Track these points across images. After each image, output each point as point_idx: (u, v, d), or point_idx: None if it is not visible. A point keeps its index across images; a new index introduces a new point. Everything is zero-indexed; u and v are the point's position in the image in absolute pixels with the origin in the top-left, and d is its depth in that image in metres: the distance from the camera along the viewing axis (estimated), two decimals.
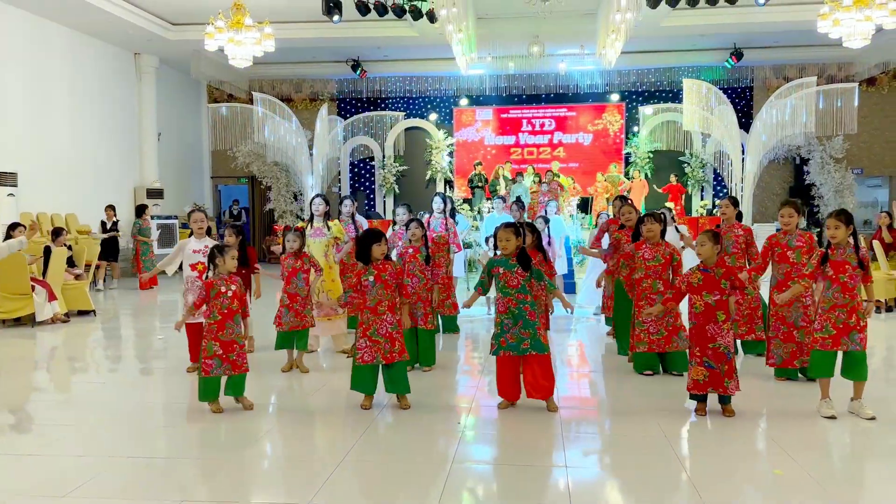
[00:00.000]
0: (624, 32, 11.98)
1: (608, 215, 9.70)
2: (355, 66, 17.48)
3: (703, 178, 17.93)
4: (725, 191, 17.38)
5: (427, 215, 8.35)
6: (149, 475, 3.97)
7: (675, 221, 9.96)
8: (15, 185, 12.13)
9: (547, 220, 9.62)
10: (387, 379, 5.16)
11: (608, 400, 5.73)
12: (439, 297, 6.60)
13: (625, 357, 6.75)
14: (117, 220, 14.21)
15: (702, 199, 18.01)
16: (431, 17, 11.79)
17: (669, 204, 16.51)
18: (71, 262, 10.21)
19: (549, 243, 9.47)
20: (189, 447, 4.53)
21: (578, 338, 8.50)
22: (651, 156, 18.20)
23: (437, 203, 8.13)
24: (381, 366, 5.12)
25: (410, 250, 6.41)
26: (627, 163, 18.69)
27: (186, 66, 16.55)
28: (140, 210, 14.43)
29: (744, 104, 18.35)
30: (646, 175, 18.06)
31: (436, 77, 18.53)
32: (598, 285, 7.67)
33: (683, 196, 17.70)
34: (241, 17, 11.71)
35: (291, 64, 18.00)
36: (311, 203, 7.32)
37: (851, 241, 4.93)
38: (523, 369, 5.09)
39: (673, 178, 17.54)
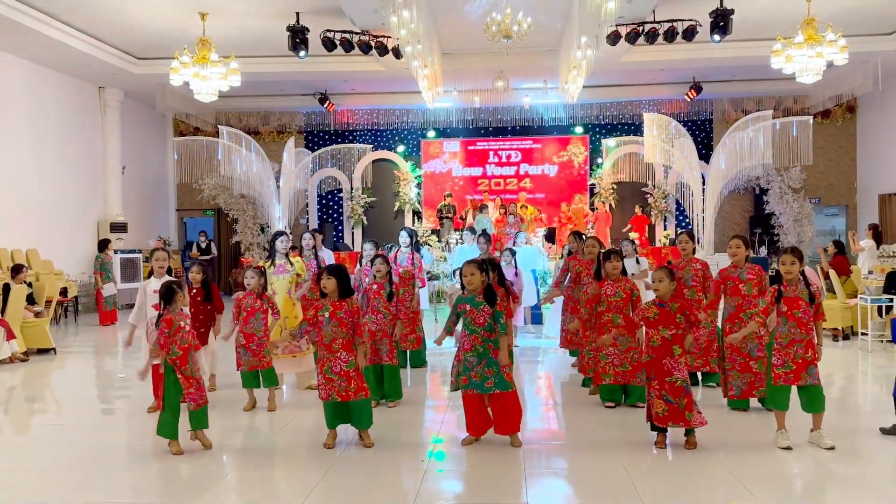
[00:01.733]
0: (585, 68, 12.24)
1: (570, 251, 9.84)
2: (322, 98, 17.58)
3: (666, 208, 18.26)
4: (687, 221, 17.71)
5: (395, 249, 8.40)
6: None
7: (636, 253, 10.13)
8: None
9: (513, 253, 9.71)
10: (351, 415, 5.14)
11: (571, 433, 5.78)
12: (401, 332, 6.60)
13: (587, 389, 6.84)
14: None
15: (665, 229, 18.31)
16: (397, 53, 11.95)
17: (633, 235, 16.80)
18: (31, 300, 10.04)
19: (517, 274, 9.58)
20: (149, 491, 4.47)
21: (544, 370, 8.56)
22: (615, 187, 18.50)
23: (404, 237, 8.19)
24: (339, 402, 5.10)
25: (375, 286, 6.44)
26: (592, 193, 18.97)
27: (152, 99, 16.51)
28: (103, 245, 14.26)
29: (704, 136, 18.79)
30: (610, 206, 18.35)
31: (403, 110, 18.70)
32: (542, 304, 7.75)
33: (647, 227, 17.99)
34: (206, 52, 11.77)
35: (258, 97, 18.05)
36: (274, 239, 7.31)
37: (801, 276, 5.09)
38: (490, 405, 5.13)
39: (638, 210, 17.84)
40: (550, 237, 17.32)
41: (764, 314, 5.18)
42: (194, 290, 7.12)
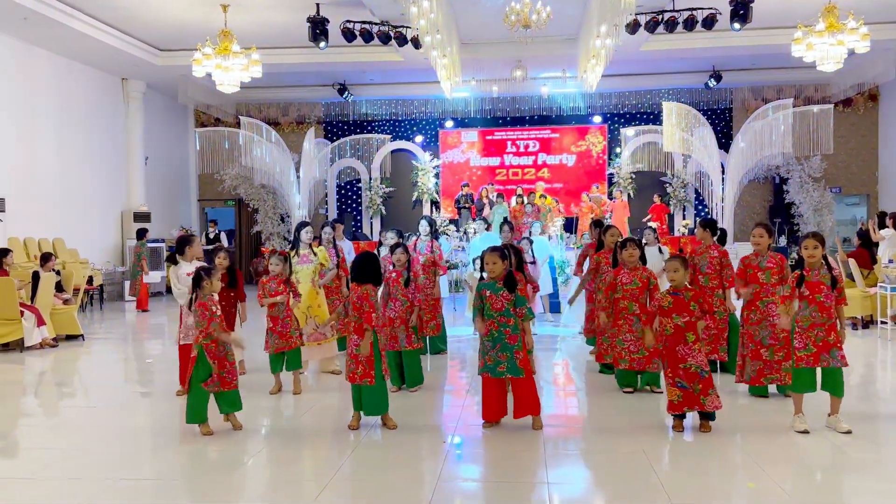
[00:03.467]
0: (604, 57, 12.25)
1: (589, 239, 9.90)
2: (342, 89, 17.70)
3: (685, 198, 18.22)
4: (706, 211, 17.66)
5: (414, 238, 8.51)
6: (140, 498, 4.06)
7: (658, 241, 10.16)
8: (2, 210, 12.18)
9: (531, 241, 9.79)
10: (363, 402, 5.23)
11: (590, 417, 5.87)
12: (418, 320, 6.68)
13: (603, 371, 6.96)
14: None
15: (683, 218, 18.28)
16: (416, 43, 12.02)
17: (654, 224, 16.79)
18: (59, 287, 10.27)
19: (534, 263, 9.67)
20: (179, 470, 4.61)
21: (563, 357, 8.64)
22: (633, 176, 18.47)
23: (424, 226, 8.29)
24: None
25: (394, 275, 6.55)
26: (610, 183, 18.97)
27: (174, 90, 16.70)
28: (141, 233, 14.62)
29: (723, 125, 18.70)
30: (628, 196, 18.34)
31: (421, 100, 18.78)
32: (570, 303, 7.78)
33: (666, 216, 17.97)
34: (228, 44, 11.91)
35: (278, 88, 18.21)
36: (297, 230, 7.43)
37: (824, 261, 5.13)
38: (511, 389, 5.23)
39: (657, 199, 17.81)
40: (569, 227, 17.36)
41: (790, 299, 5.21)
42: (219, 276, 7.28)
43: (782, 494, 3.93)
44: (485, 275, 5.34)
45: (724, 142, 17.65)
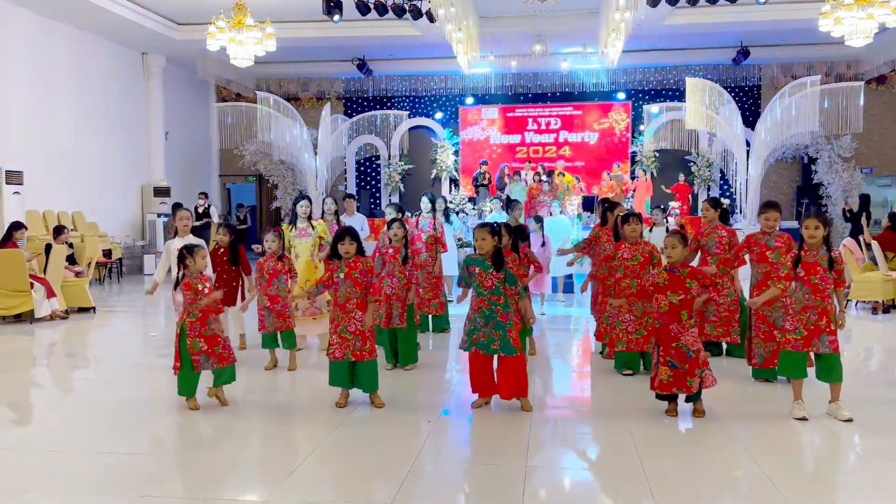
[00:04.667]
0: (624, 31, 11.95)
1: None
2: (361, 64, 17.56)
3: (710, 177, 17.83)
4: (731, 191, 17.26)
5: (416, 214, 8.40)
6: (115, 471, 4.04)
7: (665, 221, 9.94)
8: (20, 184, 12.32)
9: (539, 221, 9.61)
10: (356, 377, 5.19)
11: (584, 400, 5.76)
12: (415, 296, 6.59)
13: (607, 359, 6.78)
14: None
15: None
16: (431, 16, 11.82)
17: (675, 203, 16.48)
18: (72, 260, 10.37)
19: (544, 244, 9.49)
20: (160, 443, 4.60)
21: (569, 338, 8.51)
22: (657, 155, 18.12)
23: (425, 203, 8.18)
24: (351, 363, 5.15)
25: (391, 251, 6.46)
26: (633, 162, 18.64)
27: (194, 65, 16.72)
28: (176, 208, 14.69)
29: (751, 103, 18.22)
30: (651, 174, 17.99)
31: (441, 76, 18.58)
32: (583, 290, 7.57)
33: (690, 195, 17.61)
34: (242, 17, 11.83)
35: (298, 63, 18.15)
36: (294, 204, 7.37)
37: (824, 243, 4.93)
38: (498, 367, 5.13)
39: (681, 178, 17.46)
40: (589, 206, 17.09)
41: (786, 280, 5.02)
42: (221, 251, 7.26)
43: (766, 483, 3.79)
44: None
45: (752, 120, 17.18)
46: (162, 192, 16.65)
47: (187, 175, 18.48)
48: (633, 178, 18.29)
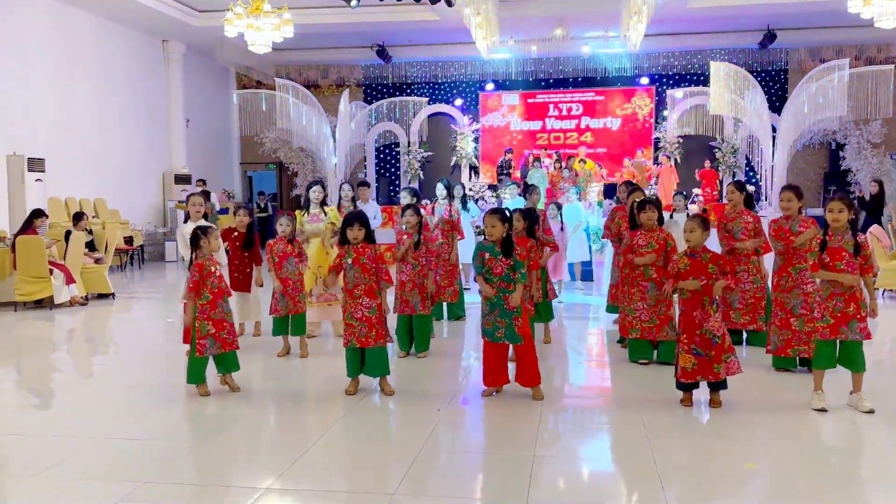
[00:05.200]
0: (646, 14, 11.72)
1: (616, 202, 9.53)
2: (380, 51, 17.47)
3: (735, 163, 17.50)
4: (756, 178, 16.95)
5: (433, 201, 8.32)
6: (123, 457, 4.03)
7: (686, 208, 9.75)
8: (43, 171, 12.43)
9: (559, 207, 9.49)
10: (366, 363, 5.14)
11: (598, 389, 5.66)
12: (433, 286, 6.55)
13: (621, 342, 6.67)
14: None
15: None
16: (448, 0, 11.68)
17: (698, 190, 16.23)
18: (92, 247, 10.44)
19: (563, 230, 9.37)
20: (169, 429, 4.58)
21: (587, 326, 8.40)
22: (680, 141, 17.82)
23: (440, 189, 8.10)
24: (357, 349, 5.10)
25: (405, 237, 6.40)
26: (657, 148, 18.37)
27: (214, 52, 16.75)
28: (205, 195, 14.80)
29: (778, 87, 17.85)
30: (675, 161, 17.71)
31: (461, 62, 18.44)
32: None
33: (717, 182, 17.32)
34: (259, 3, 11.78)
35: (318, 50, 18.12)
36: (307, 189, 7.32)
37: (849, 227, 4.77)
38: (514, 355, 5.06)
39: (707, 164, 17.19)
40: (611, 193, 16.88)
41: (814, 269, 4.86)
42: (236, 234, 7.24)
43: (781, 476, 3.67)
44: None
45: (779, 105, 16.81)
46: (183, 179, 16.75)
47: (208, 162, 18.57)
48: (656, 164, 18.03)
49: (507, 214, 5.03)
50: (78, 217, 10.22)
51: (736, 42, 16.99)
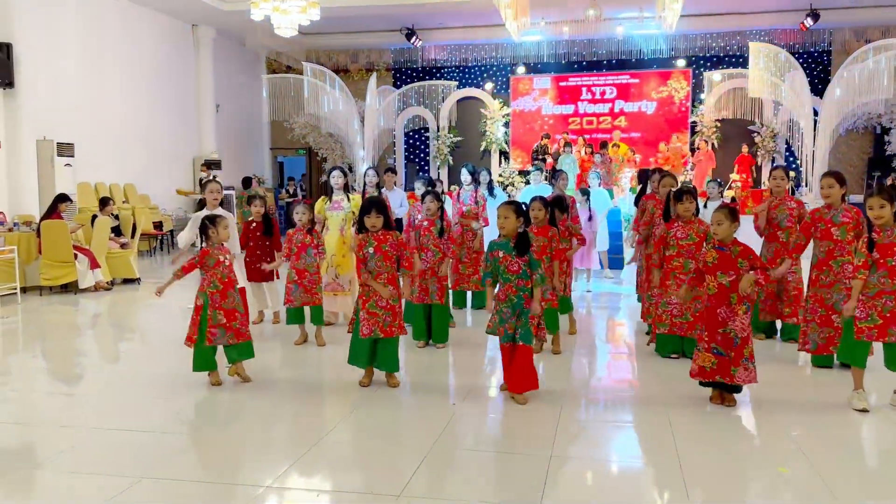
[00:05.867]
0: None
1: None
2: (409, 34, 17.23)
3: (774, 148, 16.93)
4: (797, 163, 16.37)
5: (458, 188, 8.11)
6: (126, 449, 3.93)
7: (721, 196, 9.39)
8: (72, 156, 12.46)
9: (586, 193, 9.21)
10: (377, 355, 4.97)
11: (622, 385, 5.40)
12: (448, 272, 6.30)
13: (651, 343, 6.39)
14: (213, 178, 14.92)
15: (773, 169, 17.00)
16: None
17: (735, 175, 15.75)
18: (118, 232, 10.44)
19: (591, 218, 9.10)
20: (171, 421, 4.44)
21: (613, 317, 8.14)
22: (718, 125, 17.29)
23: (465, 175, 7.88)
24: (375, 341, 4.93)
25: (426, 223, 6.21)
26: (693, 132, 17.85)
27: (244, 37, 16.65)
28: (247, 182, 14.84)
29: (821, 69, 17.19)
30: (712, 146, 17.18)
31: (491, 45, 18.10)
32: (633, 261, 7.21)
33: (753, 167, 16.79)
34: None
35: (347, 34, 17.93)
36: (329, 175, 7.16)
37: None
38: (511, 357, 4.66)
39: (744, 149, 16.68)
40: (645, 179, 16.46)
41: (864, 268, 4.54)
42: (254, 225, 7.14)
43: (817, 482, 3.41)
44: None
45: (821, 88, 16.17)
46: (213, 164, 16.73)
47: (238, 148, 18.56)
48: (692, 149, 17.55)
49: (523, 207, 4.75)
50: (104, 202, 10.23)
51: (776, 22, 16.37)
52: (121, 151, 14.19)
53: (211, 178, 15.52)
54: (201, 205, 6.51)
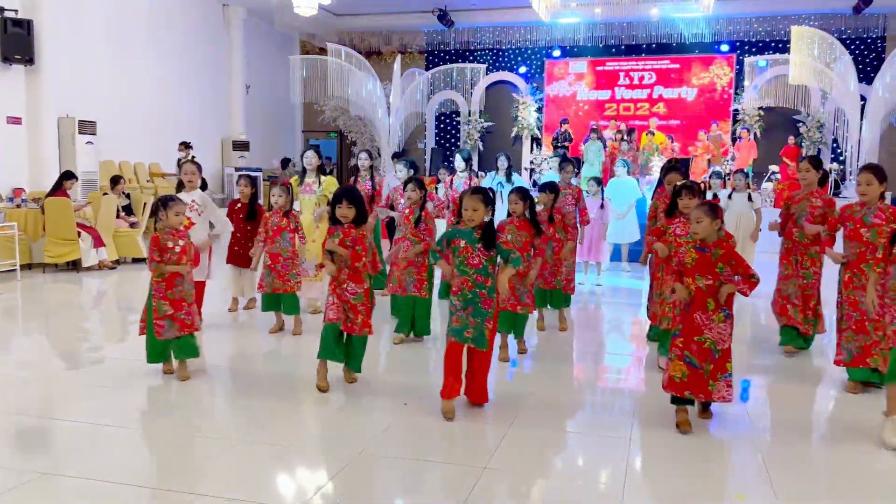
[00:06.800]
0: None
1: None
2: (441, 15, 16.86)
3: (820, 139, 16.06)
4: (844, 156, 15.49)
5: (450, 175, 7.80)
6: (62, 439, 3.77)
7: (748, 188, 8.87)
8: (94, 134, 12.51)
9: (599, 183, 8.78)
10: (349, 352, 4.68)
11: (596, 394, 5.01)
12: (411, 257, 5.85)
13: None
14: (192, 158, 14.72)
15: None
16: None
17: (774, 167, 14.98)
18: (129, 210, 10.43)
19: (602, 206, 8.68)
20: (115, 413, 4.26)
21: (616, 316, 7.73)
22: (761, 113, 16.48)
23: (458, 162, 7.56)
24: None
25: (406, 211, 5.91)
26: (735, 121, 17.08)
27: (279, 17, 16.53)
28: (285, 163, 14.80)
29: (874, 56, 16.18)
30: (755, 135, 16.40)
31: (526, 27, 17.61)
32: (643, 262, 6.73)
33: (799, 160, 15.96)
34: None
35: (379, 15, 17.67)
36: (301, 156, 6.91)
37: None
38: (468, 363, 4.28)
39: (791, 140, 15.86)
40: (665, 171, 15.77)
41: (884, 261, 4.08)
42: (239, 206, 6.96)
43: None
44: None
45: (874, 76, 15.26)
46: (240, 146, 16.72)
47: (269, 130, 18.50)
48: (734, 139, 16.79)
49: (491, 196, 4.37)
50: (115, 181, 10.21)
51: (826, 6, 15.46)
52: (146, 130, 14.22)
53: (189, 158, 15.41)
54: (179, 186, 6.33)
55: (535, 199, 5.74)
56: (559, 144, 15.78)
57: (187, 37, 15.34)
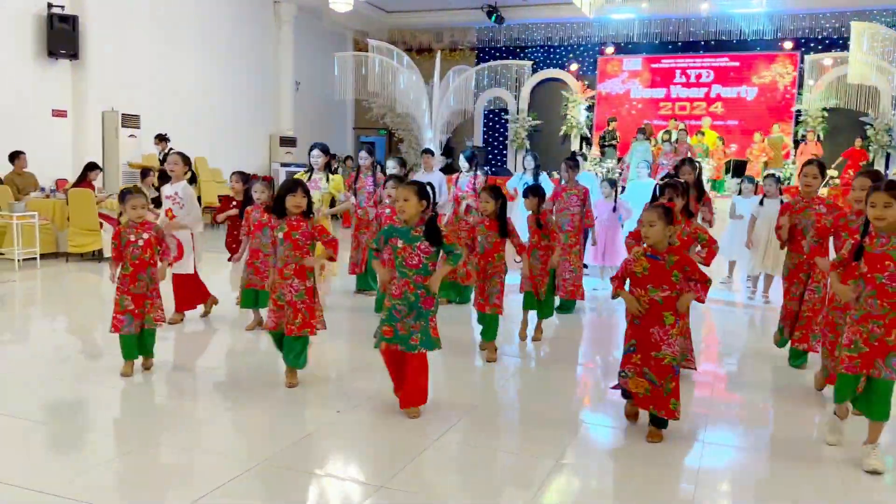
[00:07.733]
0: None
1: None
2: (490, 11, 16.61)
3: (889, 143, 15.02)
4: None
5: (457, 172, 7.59)
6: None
7: (780, 192, 8.31)
8: (137, 127, 12.87)
9: (613, 184, 8.39)
10: (283, 349, 4.58)
11: (550, 406, 4.71)
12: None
13: None
14: (170, 151, 14.95)
15: (886, 167, 15.14)
16: None
17: (834, 172, 14.11)
18: (158, 203, 10.62)
19: (615, 209, 8.30)
20: (53, 410, 4.28)
21: (607, 323, 7.33)
22: (826, 115, 15.55)
23: (462, 161, 7.34)
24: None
25: (388, 211, 5.76)
26: (797, 122, 16.19)
27: (329, 14, 16.63)
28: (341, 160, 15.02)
29: None
30: (818, 137, 15.49)
31: (578, 23, 17.15)
32: None
33: (864, 164, 14.99)
34: None
35: (430, 12, 17.56)
36: (309, 153, 6.84)
37: None
38: (404, 367, 4.08)
39: (857, 143, 14.94)
40: (739, 171, 15.09)
41: (840, 267, 3.74)
42: (234, 203, 6.95)
43: None
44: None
45: None
46: (287, 142, 16.92)
47: (317, 126, 18.63)
48: (797, 141, 15.93)
49: (427, 189, 4.11)
50: (144, 173, 10.44)
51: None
52: (193, 124, 14.52)
53: (167, 150, 15.48)
54: (164, 179, 6.35)
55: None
56: (606, 143, 15.31)
57: (235, 32, 15.60)
